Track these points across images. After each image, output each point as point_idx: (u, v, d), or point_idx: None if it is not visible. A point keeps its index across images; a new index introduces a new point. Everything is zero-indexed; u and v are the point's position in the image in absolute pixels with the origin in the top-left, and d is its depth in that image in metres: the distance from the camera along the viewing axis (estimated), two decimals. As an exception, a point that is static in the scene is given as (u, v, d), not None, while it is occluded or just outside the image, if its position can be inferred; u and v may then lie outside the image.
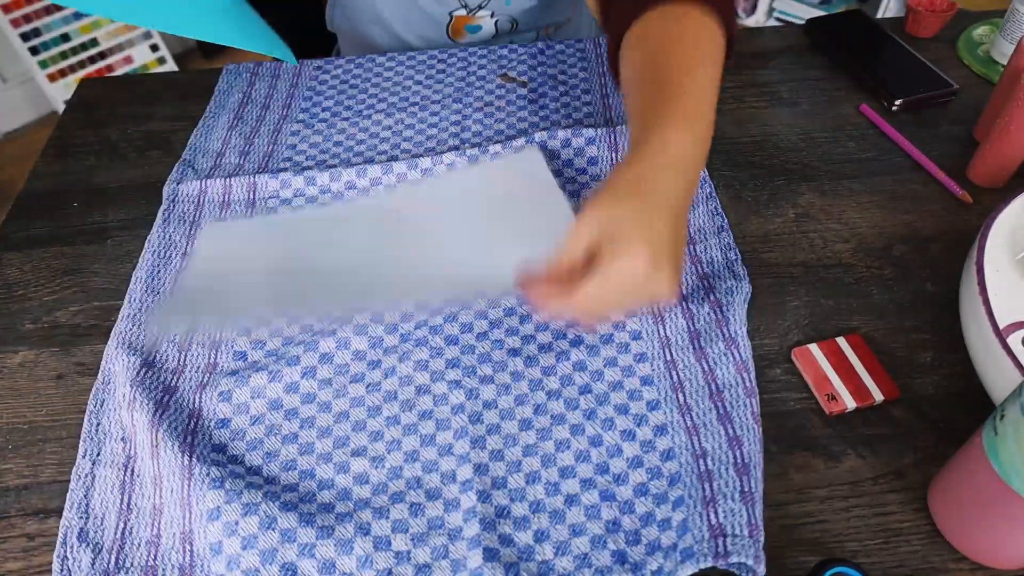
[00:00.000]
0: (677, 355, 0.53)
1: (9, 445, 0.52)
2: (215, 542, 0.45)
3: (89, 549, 0.46)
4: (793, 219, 0.64)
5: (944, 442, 0.50)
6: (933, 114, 0.74)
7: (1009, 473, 0.38)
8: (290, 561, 0.44)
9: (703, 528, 0.44)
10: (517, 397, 0.52)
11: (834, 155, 0.70)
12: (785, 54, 0.83)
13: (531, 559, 0.45)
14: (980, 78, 0.78)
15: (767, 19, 2.15)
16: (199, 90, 0.80)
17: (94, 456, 0.50)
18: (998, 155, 0.64)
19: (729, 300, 0.56)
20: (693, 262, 0.59)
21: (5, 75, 2.13)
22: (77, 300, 0.61)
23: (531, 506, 0.47)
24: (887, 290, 0.59)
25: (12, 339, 0.58)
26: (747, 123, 0.74)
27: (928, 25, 0.82)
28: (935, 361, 0.54)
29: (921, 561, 0.45)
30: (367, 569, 0.44)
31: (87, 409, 0.52)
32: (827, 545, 0.45)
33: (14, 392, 0.55)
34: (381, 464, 0.49)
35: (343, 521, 0.46)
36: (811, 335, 0.56)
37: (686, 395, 0.51)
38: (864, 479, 0.48)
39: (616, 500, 0.47)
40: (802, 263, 0.61)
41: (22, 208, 0.69)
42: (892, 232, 0.63)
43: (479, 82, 0.79)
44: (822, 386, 0.52)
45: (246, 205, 0.66)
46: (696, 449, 0.48)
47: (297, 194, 0.67)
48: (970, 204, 0.65)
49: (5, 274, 0.63)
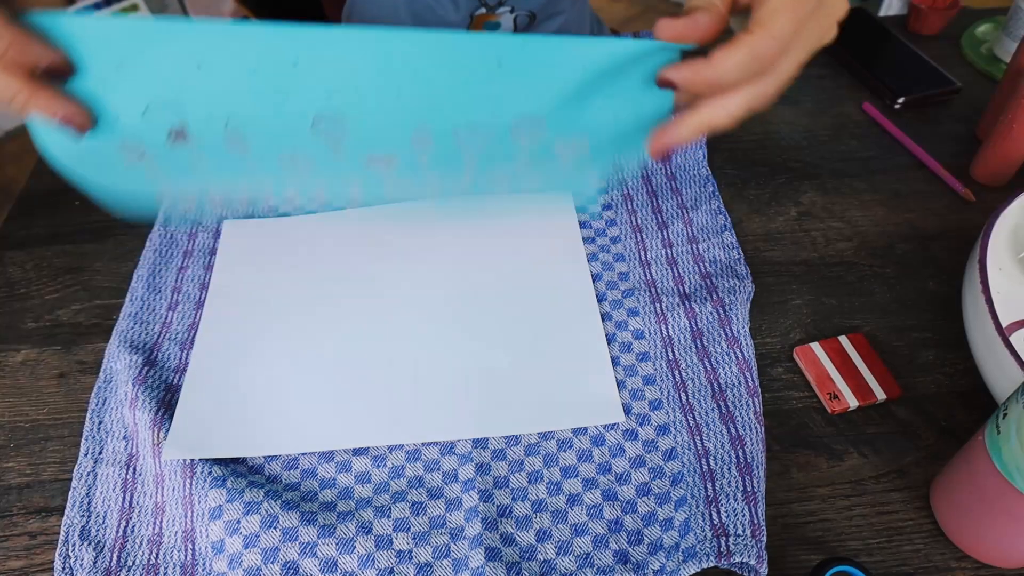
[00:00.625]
0: (680, 354, 0.53)
1: (11, 443, 0.52)
2: (217, 541, 0.45)
3: (91, 547, 0.46)
4: (795, 217, 0.64)
5: (946, 441, 0.49)
6: (936, 112, 0.74)
7: (1012, 472, 0.38)
8: (292, 560, 0.44)
9: (705, 528, 0.44)
10: (519, 396, 0.52)
11: (836, 153, 0.70)
12: (787, 52, 0.83)
13: (533, 558, 0.45)
14: (983, 76, 0.77)
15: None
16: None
17: (96, 454, 0.50)
18: (1001, 153, 0.64)
19: (732, 299, 0.56)
20: (696, 261, 0.59)
21: (7, 73, 2.13)
22: (79, 298, 0.61)
23: (533, 505, 0.47)
24: (889, 289, 0.59)
25: (14, 337, 0.58)
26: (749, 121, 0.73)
27: (931, 23, 0.82)
28: (937, 360, 0.54)
29: (923, 560, 0.45)
30: (368, 568, 0.44)
31: (89, 407, 0.52)
32: (829, 544, 0.45)
33: (16, 390, 0.55)
34: (383, 463, 0.49)
35: (345, 520, 0.46)
36: (813, 334, 0.56)
37: (689, 394, 0.51)
38: (866, 478, 0.48)
39: (618, 500, 0.47)
40: (804, 261, 0.61)
41: (24, 207, 0.69)
42: (894, 230, 0.63)
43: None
44: (824, 385, 0.52)
45: (248, 202, 0.66)
46: (699, 448, 0.48)
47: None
48: (973, 202, 0.65)
49: (7, 272, 0.63)
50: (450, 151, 0.38)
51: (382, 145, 0.38)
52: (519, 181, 0.40)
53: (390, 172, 0.39)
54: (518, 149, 0.39)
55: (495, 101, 0.37)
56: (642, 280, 0.58)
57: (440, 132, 0.37)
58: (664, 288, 0.58)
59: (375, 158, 0.38)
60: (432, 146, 0.38)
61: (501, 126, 0.38)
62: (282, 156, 0.37)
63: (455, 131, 0.38)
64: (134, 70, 0.35)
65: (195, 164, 0.38)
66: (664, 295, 0.57)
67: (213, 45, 0.35)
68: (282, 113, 0.36)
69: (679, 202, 0.64)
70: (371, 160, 0.38)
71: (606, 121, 0.39)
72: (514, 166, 0.39)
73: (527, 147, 0.39)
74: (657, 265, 0.59)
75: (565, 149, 0.39)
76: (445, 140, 0.38)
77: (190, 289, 0.60)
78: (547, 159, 0.39)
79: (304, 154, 0.38)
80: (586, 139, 0.39)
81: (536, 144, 0.39)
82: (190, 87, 0.36)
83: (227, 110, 0.37)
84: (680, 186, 0.66)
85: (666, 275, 0.59)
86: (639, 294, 0.57)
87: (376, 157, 0.38)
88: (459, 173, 0.39)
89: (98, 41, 0.35)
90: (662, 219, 0.63)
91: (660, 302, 0.57)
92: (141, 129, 0.37)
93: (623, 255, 0.60)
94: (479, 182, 0.40)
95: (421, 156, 0.38)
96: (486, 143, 0.38)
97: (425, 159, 0.38)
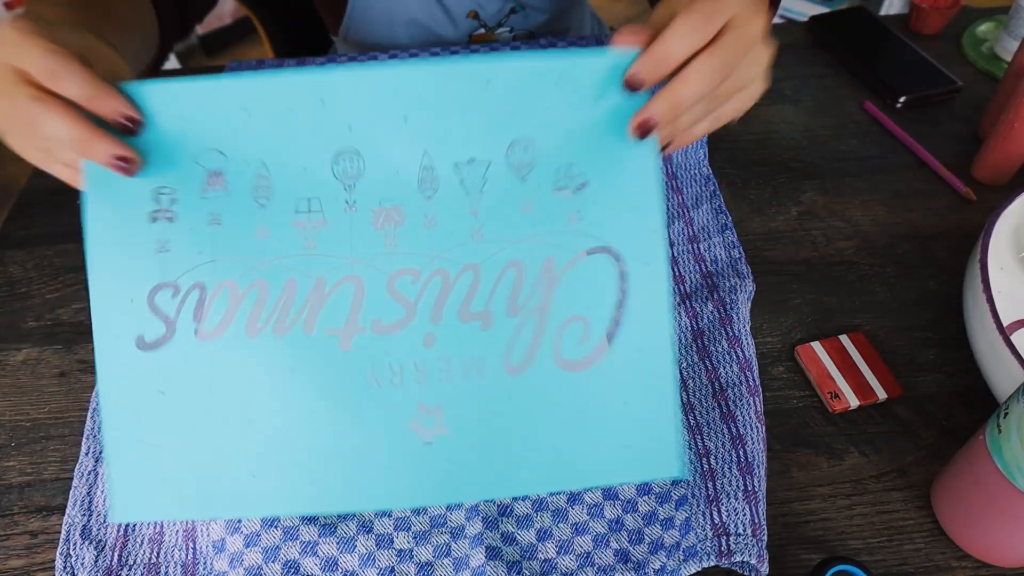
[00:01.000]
0: (680, 354, 0.53)
1: (12, 442, 0.52)
2: (218, 539, 0.45)
3: (92, 546, 0.46)
4: (796, 217, 0.64)
5: (947, 440, 0.49)
6: (937, 111, 0.74)
7: (1012, 471, 0.38)
8: (292, 559, 0.44)
9: (706, 527, 0.44)
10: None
11: (837, 153, 0.70)
12: (788, 51, 0.83)
13: (533, 558, 0.45)
14: (984, 75, 0.77)
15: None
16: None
17: (97, 453, 0.50)
18: (1002, 152, 0.64)
19: (733, 299, 0.56)
20: (697, 260, 0.59)
21: (7, 72, 2.13)
22: (80, 298, 0.61)
23: (533, 504, 0.47)
24: (890, 288, 0.59)
25: (15, 337, 0.58)
26: (750, 121, 0.74)
27: (932, 22, 0.82)
28: (938, 359, 0.54)
29: (924, 559, 0.45)
30: (369, 567, 0.44)
31: (90, 406, 0.52)
32: (830, 543, 0.45)
33: (17, 389, 0.55)
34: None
35: (345, 519, 0.46)
36: (814, 333, 0.56)
37: (689, 394, 0.51)
38: (867, 477, 0.48)
39: (619, 499, 0.47)
40: (805, 261, 0.61)
41: (24, 206, 0.69)
42: (895, 230, 0.63)
43: None
44: (825, 384, 0.52)
45: None
46: (699, 448, 0.48)
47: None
48: (974, 201, 0.65)
49: (8, 272, 0.63)
50: (454, 194, 0.40)
51: (391, 189, 0.40)
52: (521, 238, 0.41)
53: (396, 234, 0.40)
54: (523, 202, 0.40)
55: (488, 120, 0.39)
56: None
57: (443, 167, 0.40)
58: None
59: (383, 212, 0.40)
60: (436, 188, 0.40)
61: (498, 155, 0.40)
62: (299, 205, 0.39)
63: (456, 166, 0.40)
64: (193, 122, 0.39)
65: (219, 217, 0.40)
66: None
67: (260, 90, 0.38)
68: (309, 149, 0.39)
69: (680, 201, 0.64)
70: (379, 216, 0.40)
71: (592, 137, 0.40)
72: (515, 220, 0.40)
73: (527, 192, 0.40)
74: None
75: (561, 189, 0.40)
76: (449, 182, 0.40)
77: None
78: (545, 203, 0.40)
79: (318, 212, 0.40)
80: (575, 163, 0.40)
81: (534, 185, 0.40)
82: (236, 131, 0.39)
83: (263, 152, 0.39)
84: (681, 185, 0.66)
85: None
86: None
87: (385, 211, 0.39)
88: (465, 227, 0.40)
89: (168, 101, 0.38)
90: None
91: None
92: (181, 172, 0.39)
93: None
94: (485, 248, 0.40)
95: (427, 200, 0.40)
96: (489, 184, 0.40)
97: (432, 215, 0.40)
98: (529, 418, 0.40)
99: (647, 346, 0.39)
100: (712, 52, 0.39)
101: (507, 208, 0.40)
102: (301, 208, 0.40)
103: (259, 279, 0.39)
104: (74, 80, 0.37)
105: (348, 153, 0.39)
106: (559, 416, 0.40)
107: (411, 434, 0.39)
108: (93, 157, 0.39)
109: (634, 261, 0.39)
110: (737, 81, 0.41)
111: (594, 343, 0.39)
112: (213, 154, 0.39)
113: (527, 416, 0.40)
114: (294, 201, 0.40)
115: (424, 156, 0.40)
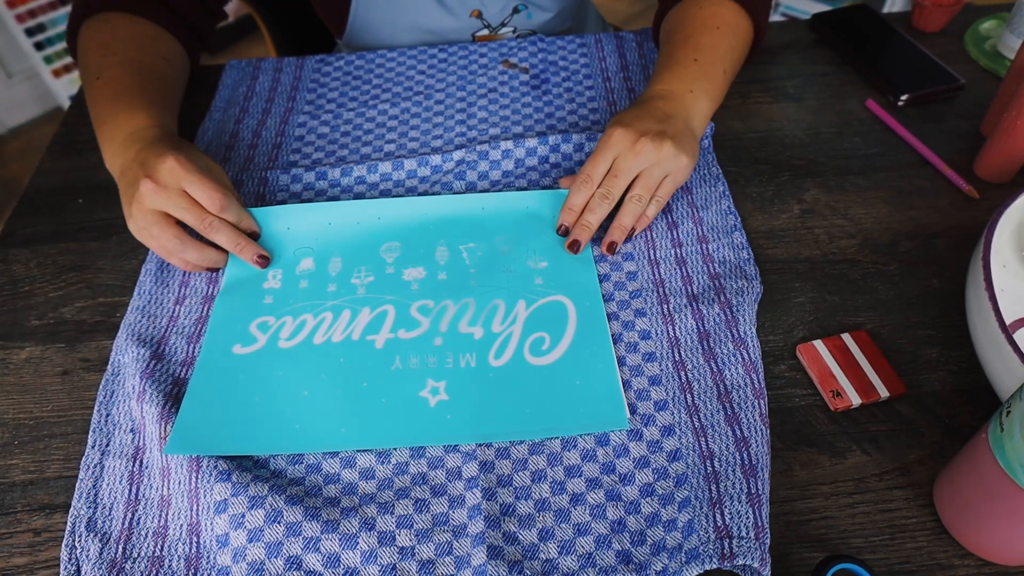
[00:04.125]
0: (686, 355, 0.53)
1: (15, 441, 0.52)
2: (221, 534, 0.45)
3: (97, 539, 0.46)
4: (798, 215, 0.64)
5: (949, 438, 0.49)
6: (939, 109, 0.73)
7: (1015, 469, 0.38)
8: (295, 554, 0.44)
9: (709, 529, 0.44)
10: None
11: (840, 150, 0.70)
12: (791, 49, 0.83)
13: (535, 558, 0.45)
14: (987, 72, 0.77)
15: (773, 14, 2.14)
16: (203, 86, 0.80)
17: (103, 447, 0.50)
18: (1005, 150, 0.63)
19: (739, 300, 0.55)
20: (705, 261, 0.59)
21: (10, 71, 2.13)
22: (82, 296, 0.61)
23: (536, 504, 0.47)
24: (893, 286, 0.58)
25: (18, 335, 0.59)
26: (752, 118, 0.74)
27: (934, 19, 0.82)
28: (941, 357, 0.54)
29: (926, 557, 0.45)
30: (371, 564, 0.44)
31: (96, 400, 0.52)
32: (832, 541, 0.45)
33: (20, 388, 0.55)
34: (387, 459, 0.49)
35: (348, 516, 0.46)
36: (816, 331, 0.56)
37: (694, 396, 0.51)
38: (869, 475, 0.48)
39: (622, 500, 0.47)
40: (807, 259, 0.61)
41: (28, 204, 0.70)
42: (898, 228, 0.63)
43: (481, 70, 0.79)
44: (827, 382, 0.52)
45: (255, 198, 0.67)
46: (703, 450, 0.48)
47: (307, 188, 0.67)
48: (976, 199, 0.65)
49: (11, 270, 0.64)
50: (459, 262, 0.60)
51: (417, 260, 0.60)
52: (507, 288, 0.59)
53: (419, 283, 0.59)
54: (504, 268, 0.60)
55: (482, 226, 0.62)
56: (650, 280, 0.58)
57: (453, 249, 0.61)
58: (672, 288, 0.58)
59: (411, 271, 0.60)
60: (447, 259, 0.60)
61: (489, 243, 0.61)
62: (357, 272, 0.60)
63: (461, 248, 0.61)
64: (295, 231, 0.63)
65: (306, 281, 0.60)
66: (672, 295, 0.57)
67: (338, 210, 0.63)
68: (368, 241, 0.62)
69: (689, 201, 0.64)
70: (408, 273, 0.60)
71: (550, 237, 0.62)
72: (503, 277, 0.59)
73: (509, 264, 0.60)
74: (666, 264, 0.59)
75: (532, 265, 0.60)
76: (456, 255, 0.61)
77: (197, 283, 0.60)
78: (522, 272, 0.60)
79: (369, 274, 0.60)
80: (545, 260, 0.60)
81: (513, 261, 0.60)
82: (322, 234, 0.62)
83: (339, 247, 0.62)
84: (691, 186, 0.65)
85: (675, 275, 0.59)
86: (646, 295, 0.57)
87: (412, 271, 0.60)
88: (465, 280, 0.59)
89: (281, 217, 0.62)
90: (672, 219, 0.63)
91: (667, 303, 0.57)
92: (285, 259, 0.61)
93: (632, 254, 0.60)
94: (479, 287, 0.59)
95: (441, 265, 0.60)
96: (481, 257, 0.60)
97: (443, 275, 0.59)
98: (507, 389, 0.52)
99: (594, 346, 0.54)
100: (600, 195, 0.59)
101: (493, 269, 0.59)
102: (358, 274, 0.60)
103: (326, 312, 0.57)
104: (232, 212, 0.58)
105: (391, 242, 0.62)
106: (530, 389, 0.52)
107: (421, 399, 0.52)
108: (243, 257, 0.59)
109: (580, 304, 0.57)
110: (649, 181, 0.59)
111: (553, 347, 0.54)
112: (306, 249, 0.62)
113: (506, 388, 0.52)
114: (355, 270, 0.60)
115: (440, 243, 0.62)
